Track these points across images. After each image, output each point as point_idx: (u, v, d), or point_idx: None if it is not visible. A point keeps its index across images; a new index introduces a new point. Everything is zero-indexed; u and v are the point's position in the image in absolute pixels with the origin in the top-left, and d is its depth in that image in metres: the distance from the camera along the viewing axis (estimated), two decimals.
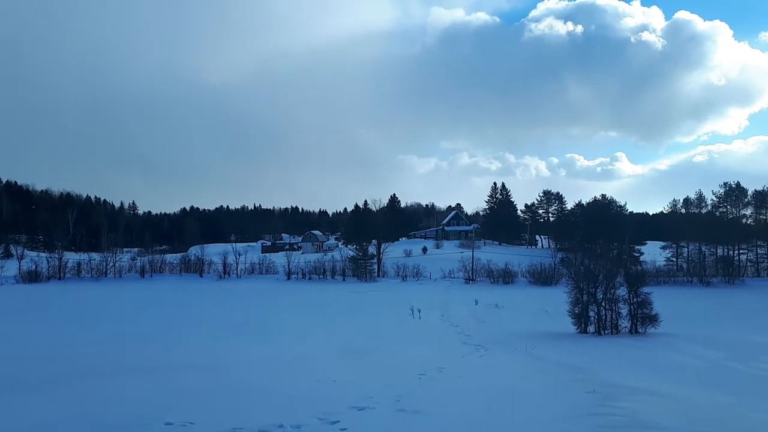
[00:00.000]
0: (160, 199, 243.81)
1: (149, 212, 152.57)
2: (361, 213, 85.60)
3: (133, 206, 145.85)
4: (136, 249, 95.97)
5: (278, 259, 62.88)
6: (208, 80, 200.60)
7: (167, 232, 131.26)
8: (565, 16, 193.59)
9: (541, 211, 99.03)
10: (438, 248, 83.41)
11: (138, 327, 24.86)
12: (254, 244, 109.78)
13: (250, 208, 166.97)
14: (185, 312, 31.65)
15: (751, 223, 65.06)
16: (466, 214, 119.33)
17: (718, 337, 21.33)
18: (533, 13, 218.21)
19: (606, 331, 22.97)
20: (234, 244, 73.25)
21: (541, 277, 52.14)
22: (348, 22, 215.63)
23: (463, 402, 8.49)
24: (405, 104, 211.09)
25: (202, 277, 57.61)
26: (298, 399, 8.66)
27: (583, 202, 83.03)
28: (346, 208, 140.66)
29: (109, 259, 57.65)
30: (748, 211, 65.89)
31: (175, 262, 61.47)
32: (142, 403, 8.39)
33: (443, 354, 16.00)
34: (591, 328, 23.21)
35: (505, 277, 53.38)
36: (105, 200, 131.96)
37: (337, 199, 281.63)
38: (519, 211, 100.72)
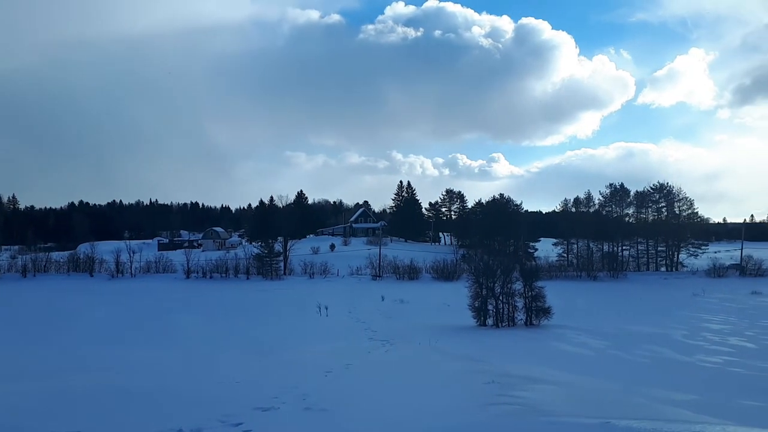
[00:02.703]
0: (43, 193, 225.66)
1: (32, 207, 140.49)
2: (266, 209, 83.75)
3: (14, 200, 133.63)
4: (17, 247, 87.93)
5: (176, 257, 60.21)
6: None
7: (53, 229, 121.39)
8: (415, 22, 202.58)
9: (444, 210, 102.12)
10: (346, 245, 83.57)
11: (17, 330, 22.80)
12: (150, 241, 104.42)
13: (145, 204, 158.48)
14: (73, 313, 29.46)
15: (633, 222, 70.73)
16: (374, 211, 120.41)
17: (604, 328, 23.01)
18: (388, 11, 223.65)
19: (503, 324, 24.08)
20: (128, 241, 69.05)
21: (444, 273, 53.78)
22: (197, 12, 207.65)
23: (369, 397, 8.51)
24: (272, 100, 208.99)
25: (92, 276, 53.98)
26: (197, 402, 8.28)
27: (482, 201, 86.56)
28: (250, 204, 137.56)
29: None
30: (630, 210, 71.63)
31: (62, 260, 57.15)
32: (22, 412, 7.66)
33: (350, 350, 16.01)
34: (490, 321, 24.23)
35: (410, 273, 54.49)
36: None
37: (241, 195, 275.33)
38: (424, 209, 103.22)
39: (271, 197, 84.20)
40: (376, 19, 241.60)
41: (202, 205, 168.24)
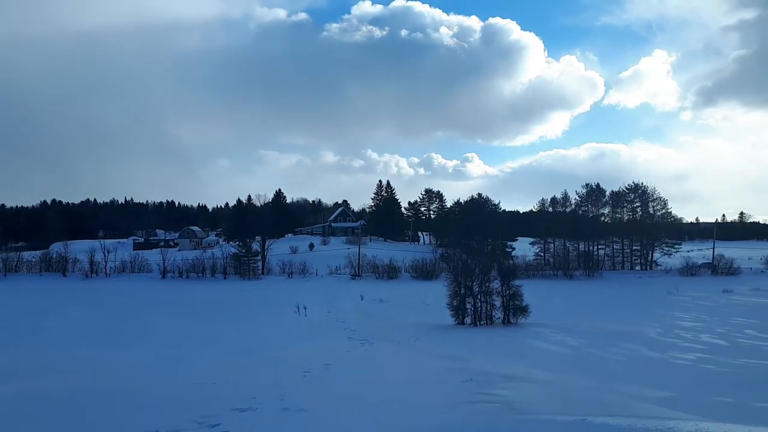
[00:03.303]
0: (14, 191, 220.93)
1: (3, 205, 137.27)
2: (244, 208, 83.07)
3: None
4: None
5: (152, 256, 59.39)
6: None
7: (24, 228, 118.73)
8: (382, 21, 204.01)
9: (423, 209, 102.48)
10: (325, 245, 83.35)
11: None
12: (125, 240, 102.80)
13: (120, 202, 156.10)
14: (45, 314, 28.84)
15: (609, 221, 71.79)
16: (353, 210, 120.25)
17: (580, 326, 23.30)
18: (355, 11, 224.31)
19: (481, 322, 24.25)
20: (102, 240, 67.88)
21: (423, 272, 53.96)
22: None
23: (348, 397, 8.49)
24: (241, 99, 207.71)
25: (65, 276, 53.01)
26: (174, 403, 8.17)
27: (461, 200, 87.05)
28: (227, 203, 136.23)
29: None
30: (606, 210, 72.69)
31: (33, 260, 56.00)
32: None
33: (329, 350, 15.95)
34: (468, 320, 24.38)
35: (389, 272, 54.56)
36: None
37: (218, 194, 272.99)
38: (403, 209, 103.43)
39: (249, 196, 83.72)
40: (342, 17, 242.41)
41: (179, 203, 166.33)
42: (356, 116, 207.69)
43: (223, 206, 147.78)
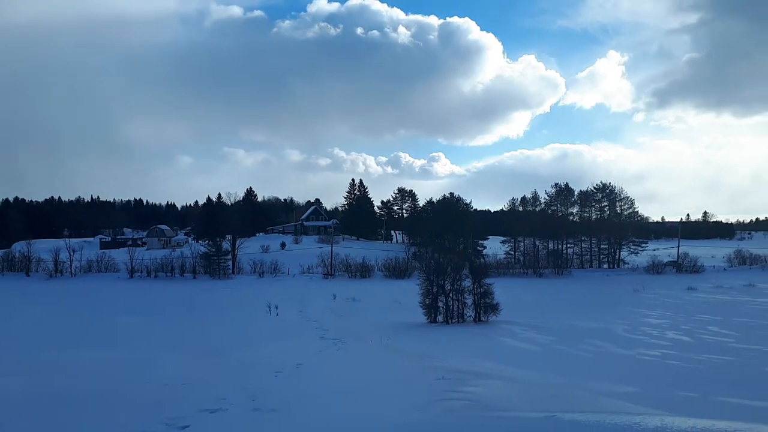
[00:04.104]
0: None
1: None
2: (214, 206, 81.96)
3: None
4: None
5: (119, 255, 58.25)
6: None
7: None
8: (339, 19, 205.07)
9: (396, 208, 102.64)
10: (297, 243, 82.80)
11: None
12: (91, 239, 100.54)
13: (86, 201, 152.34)
14: (7, 314, 28.01)
15: (577, 221, 73.02)
16: (326, 209, 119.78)
17: (550, 324, 23.66)
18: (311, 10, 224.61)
19: (453, 320, 24.42)
20: (67, 239, 66.17)
21: (396, 271, 54.06)
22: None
23: (320, 397, 8.45)
24: (202, 95, 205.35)
25: (28, 276, 51.58)
26: (142, 405, 8.01)
27: (433, 199, 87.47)
28: (197, 201, 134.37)
29: None
30: (575, 210, 73.91)
31: None
32: None
33: (301, 350, 15.86)
34: (440, 318, 24.52)
35: (362, 271, 54.51)
36: None
37: (187, 192, 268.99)
38: (376, 208, 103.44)
39: (219, 194, 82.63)
40: (298, 15, 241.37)
41: (147, 202, 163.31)
42: (315, 114, 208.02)
43: (192, 204, 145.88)
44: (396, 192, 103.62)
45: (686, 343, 18.78)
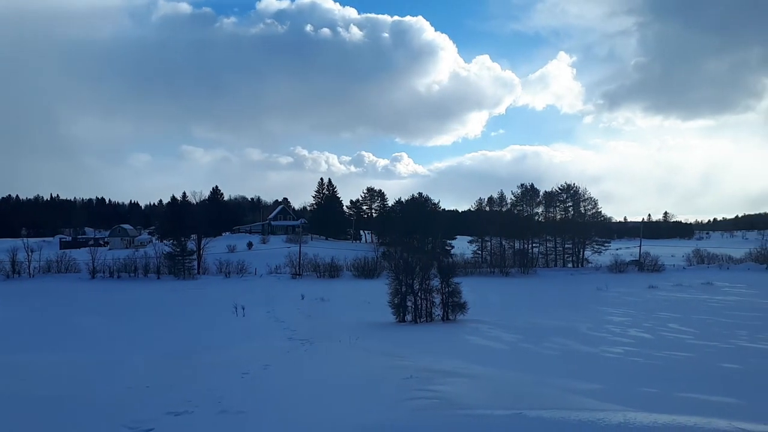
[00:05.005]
0: None
1: None
2: (178, 205, 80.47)
3: None
4: None
5: (81, 255, 56.76)
6: None
7: None
8: (289, 17, 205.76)
9: (365, 207, 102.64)
10: (264, 243, 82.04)
11: None
12: (51, 239, 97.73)
13: (45, 199, 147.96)
14: None
15: (542, 220, 74.25)
16: (294, 208, 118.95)
17: (516, 322, 23.98)
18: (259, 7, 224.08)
19: (422, 319, 24.54)
20: (25, 239, 64.11)
21: (365, 271, 54.02)
22: None
23: (288, 398, 8.38)
24: (152, 92, 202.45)
25: None
26: (104, 408, 7.81)
27: (402, 199, 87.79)
28: (161, 200, 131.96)
29: None
30: (540, 210, 75.13)
31: None
32: None
33: (268, 351, 15.70)
34: (409, 317, 24.61)
35: (331, 271, 54.30)
36: None
37: (151, 191, 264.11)
38: (345, 207, 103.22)
39: (184, 193, 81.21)
40: (246, 12, 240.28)
41: (109, 200, 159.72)
42: (269, 111, 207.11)
43: (156, 203, 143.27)
44: (365, 191, 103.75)
45: (647, 340, 19.26)
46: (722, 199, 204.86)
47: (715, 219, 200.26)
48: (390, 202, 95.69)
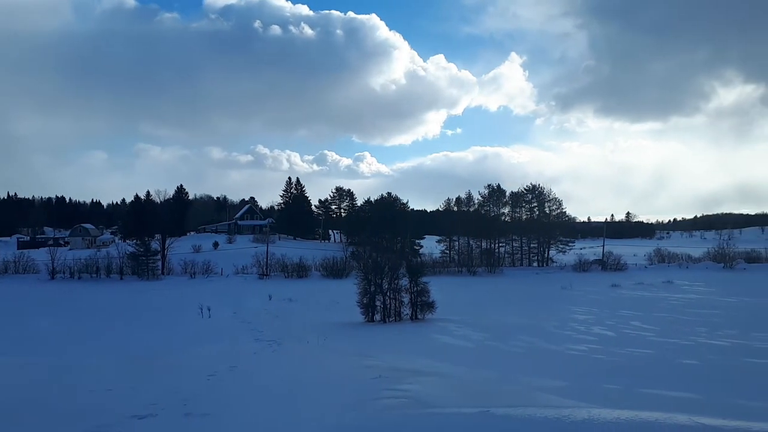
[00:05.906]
0: None
1: None
2: (142, 204, 78.79)
3: None
4: None
5: (40, 256, 55.06)
6: None
7: None
8: (239, 13, 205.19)
9: (333, 207, 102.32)
10: (231, 243, 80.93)
11: None
12: (8, 239, 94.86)
13: (2, 198, 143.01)
14: None
15: (508, 220, 75.23)
16: (261, 208, 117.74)
17: (483, 321, 24.23)
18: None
19: (390, 319, 24.58)
20: None
21: (334, 270, 53.81)
22: None
23: (254, 400, 8.28)
24: (100, 88, 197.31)
25: None
26: (66, 413, 7.58)
27: (371, 199, 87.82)
28: (124, 199, 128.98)
29: None
30: (506, 210, 76.13)
31: None
32: None
33: (235, 352, 15.48)
34: (377, 317, 24.62)
35: (299, 271, 53.93)
36: None
37: (114, 190, 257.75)
38: (313, 207, 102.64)
39: (148, 192, 79.46)
40: (193, 7, 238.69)
41: (70, 199, 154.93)
42: (218, 108, 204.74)
43: (119, 202, 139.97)
44: (334, 191, 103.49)
45: (611, 337, 19.68)
46: (676, 200, 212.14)
47: (675, 219, 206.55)
48: (358, 202, 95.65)
